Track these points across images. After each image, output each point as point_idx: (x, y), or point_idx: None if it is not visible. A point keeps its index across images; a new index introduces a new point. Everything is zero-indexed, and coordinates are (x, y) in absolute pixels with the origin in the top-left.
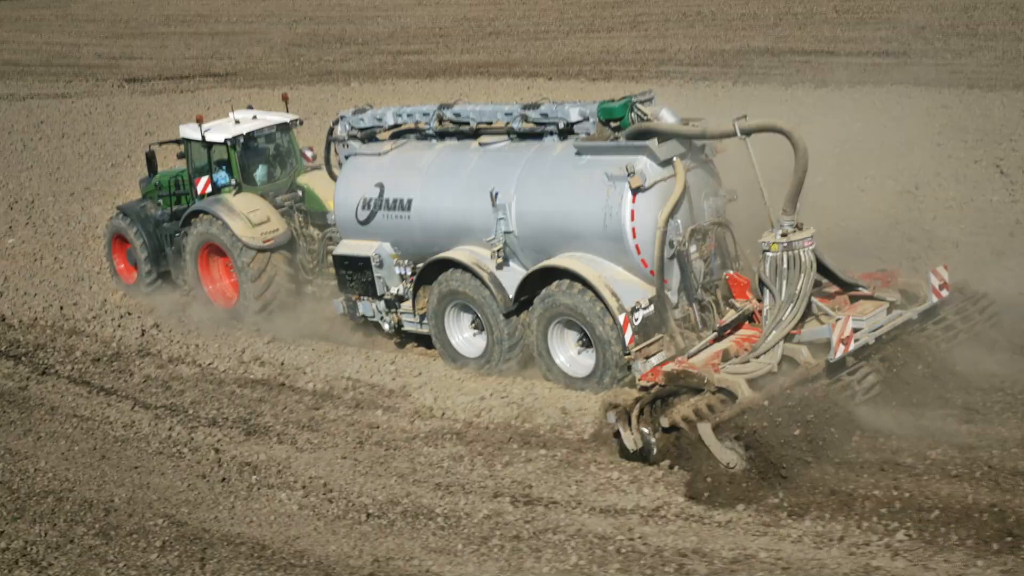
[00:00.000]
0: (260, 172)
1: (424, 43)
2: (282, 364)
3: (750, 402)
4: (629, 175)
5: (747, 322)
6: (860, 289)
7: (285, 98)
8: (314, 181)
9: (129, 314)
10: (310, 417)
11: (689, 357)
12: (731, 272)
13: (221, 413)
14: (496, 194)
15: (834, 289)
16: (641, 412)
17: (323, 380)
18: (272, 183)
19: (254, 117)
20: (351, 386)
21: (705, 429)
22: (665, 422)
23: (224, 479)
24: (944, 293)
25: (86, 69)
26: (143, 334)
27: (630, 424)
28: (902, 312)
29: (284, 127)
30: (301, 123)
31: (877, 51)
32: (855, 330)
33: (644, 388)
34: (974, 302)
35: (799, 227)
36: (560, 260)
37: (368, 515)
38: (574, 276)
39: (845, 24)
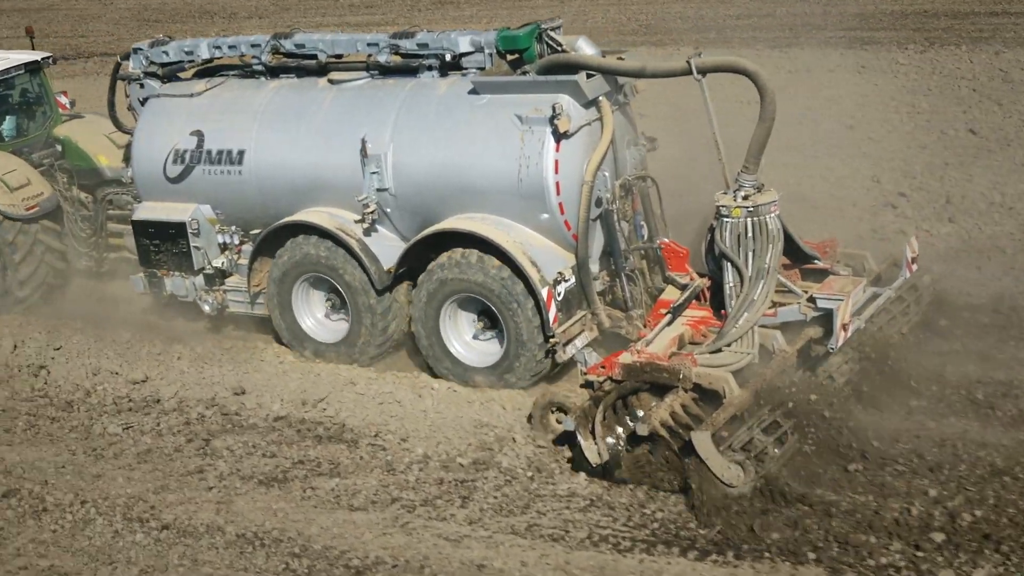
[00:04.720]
0: (7, 125)
1: (368, 14)
2: None
3: (741, 402)
4: (555, 116)
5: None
6: (815, 262)
7: (30, 32)
8: (75, 132)
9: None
10: None
11: (647, 344)
12: (666, 240)
13: None
14: (367, 142)
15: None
16: (603, 416)
17: None
18: (23, 138)
19: None
20: None
21: (703, 439)
22: (643, 429)
23: None
24: (914, 268)
25: None
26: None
27: (592, 432)
28: (880, 291)
29: (34, 67)
30: (54, 61)
31: None
32: None
33: (588, 384)
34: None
35: (760, 188)
36: (459, 222)
37: None
38: (480, 241)
39: None
